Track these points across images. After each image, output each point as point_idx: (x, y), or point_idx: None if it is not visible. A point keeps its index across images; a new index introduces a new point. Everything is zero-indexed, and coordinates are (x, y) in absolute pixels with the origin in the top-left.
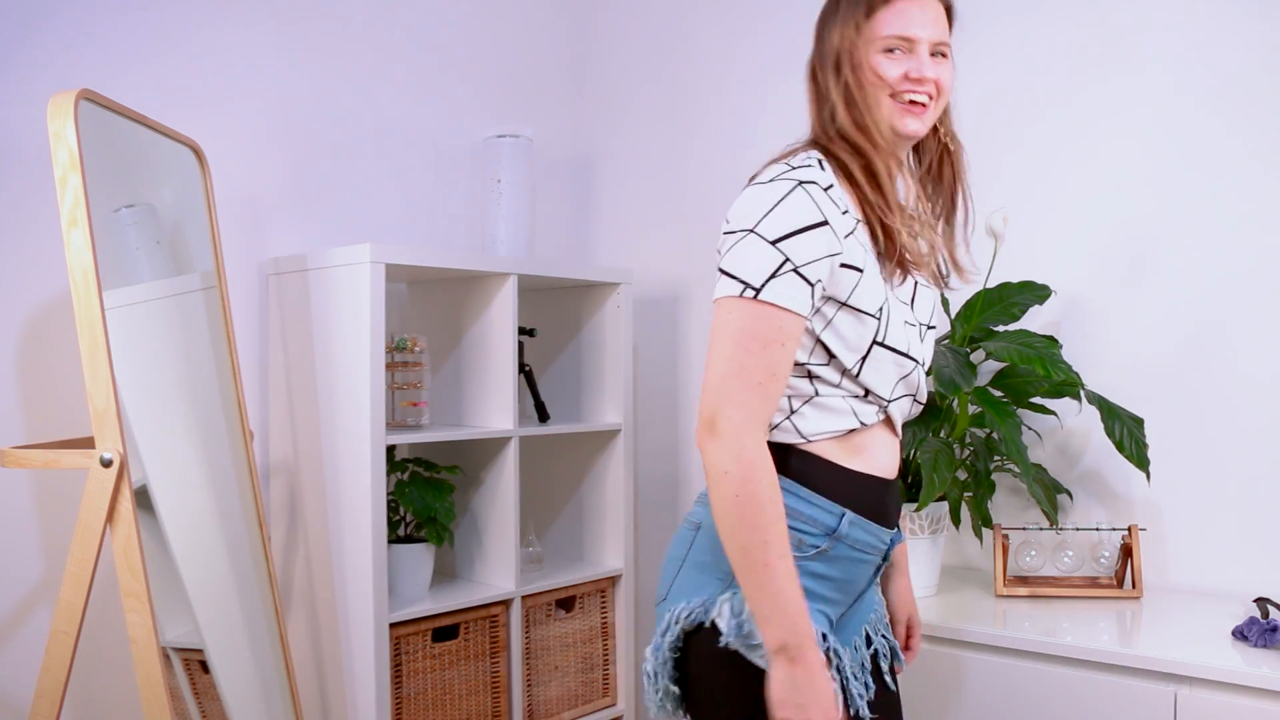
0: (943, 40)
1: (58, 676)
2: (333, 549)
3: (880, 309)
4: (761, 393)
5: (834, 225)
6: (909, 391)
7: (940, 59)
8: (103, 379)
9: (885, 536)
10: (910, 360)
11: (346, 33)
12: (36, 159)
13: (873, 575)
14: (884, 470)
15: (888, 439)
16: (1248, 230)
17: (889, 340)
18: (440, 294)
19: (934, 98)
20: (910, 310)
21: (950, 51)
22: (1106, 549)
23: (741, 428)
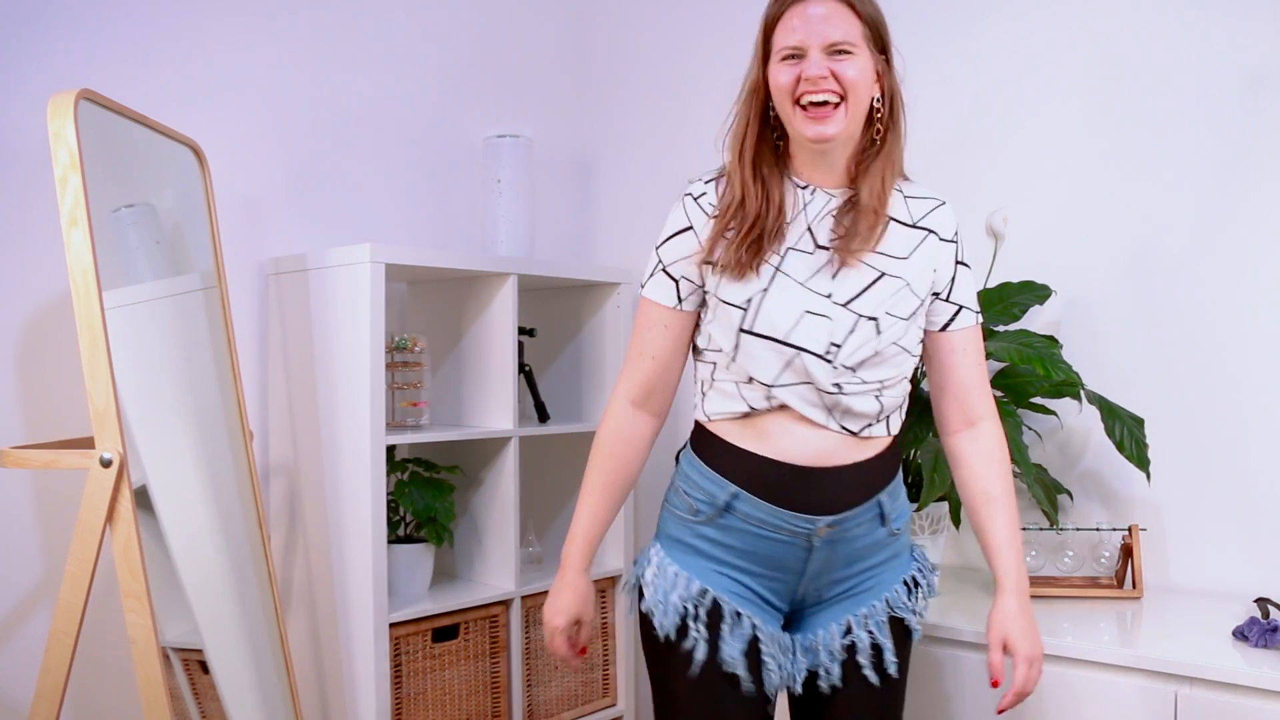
0: (842, 40)
1: (57, 677)
2: (332, 549)
3: (749, 300)
4: (636, 367)
5: (697, 229)
6: (800, 379)
7: (842, 56)
8: (102, 379)
9: (796, 521)
10: (791, 348)
11: (347, 33)
12: (36, 159)
13: (808, 555)
14: (791, 456)
15: (798, 427)
16: (1248, 230)
17: (758, 328)
18: (440, 294)
19: (843, 96)
20: (824, 300)
21: (857, 50)
22: (1107, 549)
23: (615, 391)
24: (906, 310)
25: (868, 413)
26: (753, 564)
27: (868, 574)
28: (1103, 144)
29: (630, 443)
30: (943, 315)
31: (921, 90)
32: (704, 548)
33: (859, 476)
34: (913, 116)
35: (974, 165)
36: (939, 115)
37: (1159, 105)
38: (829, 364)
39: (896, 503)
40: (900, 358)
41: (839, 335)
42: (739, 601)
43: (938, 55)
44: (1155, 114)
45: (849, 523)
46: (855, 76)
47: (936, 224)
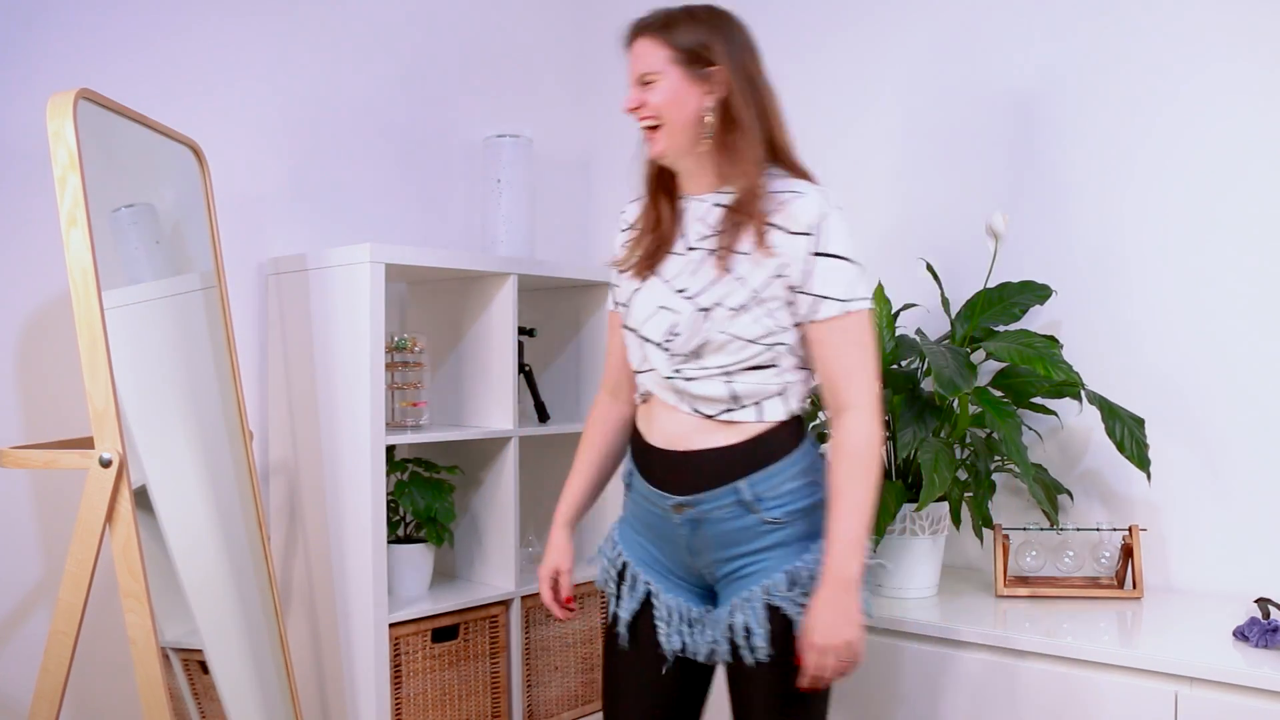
0: (645, 71)
1: (57, 677)
2: (332, 549)
3: (629, 300)
4: (606, 364)
5: (619, 237)
6: (649, 367)
7: (648, 86)
8: (102, 379)
9: (658, 498)
10: (640, 339)
11: (347, 33)
12: (36, 159)
13: (678, 531)
14: (656, 438)
15: (662, 410)
16: (1249, 230)
17: (627, 323)
18: (440, 294)
19: (658, 119)
20: (677, 295)
21: (662, 76)
22: (1107, 549)
23: (600, 385)
24: (736, 301)
25: (717, 396)
26: (650, 534)
27: (749, 559)
28: (1104, 143)
29: (603, 424)
30: (803, 307)
31: (925, 92)
32: (629, 518)
33: (711, 462)
34: (906, 111)
35: (974, 166)
36: (941, 115)
37: (1160, 104)
38: (666, 352)
39: (772, 490)
40: (737, 345)
41: (681, 326)
42: (643, 566)
43: (943, 56)
44: (1155, 113)
45: (703, 505)
46: (659, 100)
47: (783, 217)
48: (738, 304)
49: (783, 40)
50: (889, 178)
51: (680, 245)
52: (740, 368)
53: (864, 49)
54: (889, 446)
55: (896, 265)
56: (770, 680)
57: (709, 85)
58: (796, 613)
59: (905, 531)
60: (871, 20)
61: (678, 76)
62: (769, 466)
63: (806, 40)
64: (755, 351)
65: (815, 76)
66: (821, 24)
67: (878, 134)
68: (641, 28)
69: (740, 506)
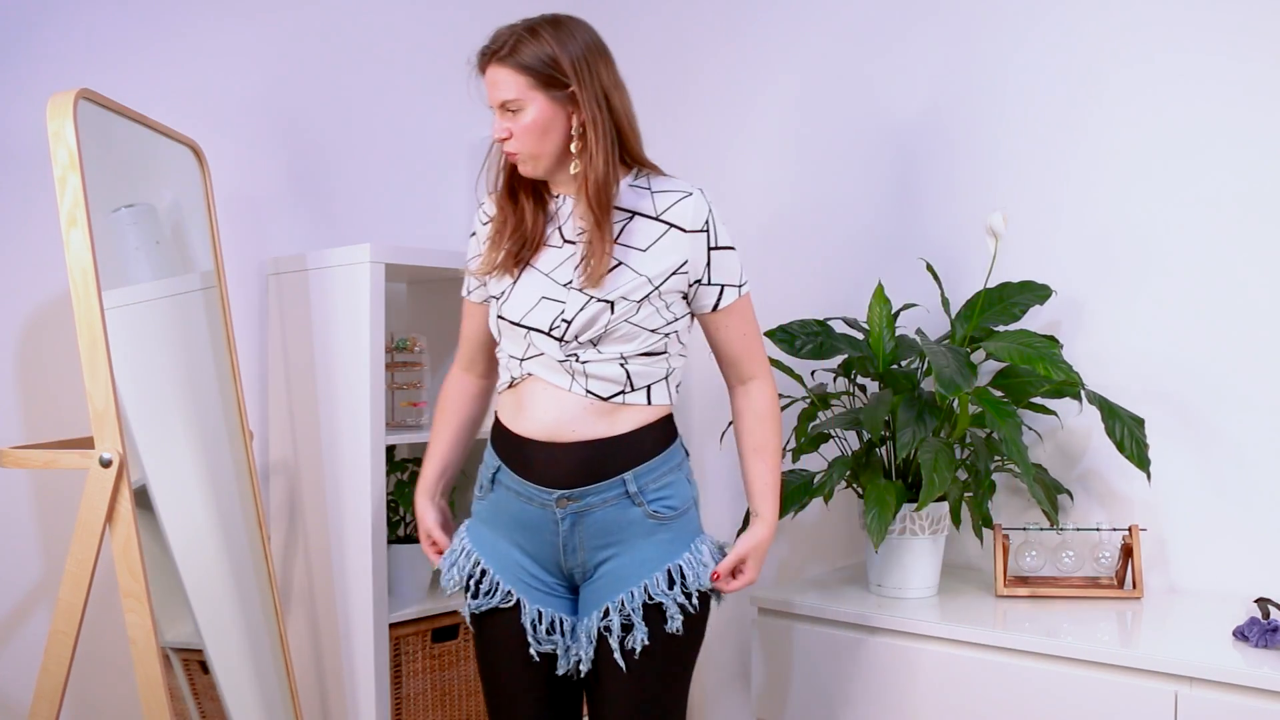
0: (506, 98)
1: (57, 677)
2: (332, 549)
3: (503, 292)
4: (460, 345)
5: (478, 234)
6: (537, 353)
7: (513, 113)
8: (102, 379)
9: (538, 492)
10: (523, 328)
11: (347, 32)
12: (36, 159)
13: (557, 525)
14: (535, 429)
15: (546, 391)
16: (1249, 230)
17: (504, 313)
18: (440, 294)
19: (521, 147)
20: (561, 287)
21: (523, 102)
22: (1107, 549)
23: (454, 363)
24: (639, 294)
25: (613, 378)
26: (517, 530)
27: (627, 554)
28: (1104, 143)
29: (460, 395)
30: (709, 298)
31: (929, 92)
32: (485, 518)
33: (600, 452)
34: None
35: (974, 166)
36: (944, 115)
37: (1160, 104)
38: (556, 339)
39: (657, 484)
40: (637, 334)
41: (569, 314)
42: (502, 573)
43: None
44: (1157, 113)
45: (589, 497)
46: (521, 130)
47: (678, 218)
48: (639, 297)
49: (781, 42)
50: (889, 178)
51: (554, 239)
52: (635, 353)
53: (863, 49)
54: (889, 446)
55: (896, 265)
56: (635, 683)
57: (570, 106)
58: (674, 612)
59: (905, 531)
60: (870, 21)
61: (541, 102)
62: (652, 459)
63: (806, 40)
64: (654, 340)
65: (815, 76)
66: (820, 25)
67: (878, 134)
68: (490, 55)
69: (626, 499)
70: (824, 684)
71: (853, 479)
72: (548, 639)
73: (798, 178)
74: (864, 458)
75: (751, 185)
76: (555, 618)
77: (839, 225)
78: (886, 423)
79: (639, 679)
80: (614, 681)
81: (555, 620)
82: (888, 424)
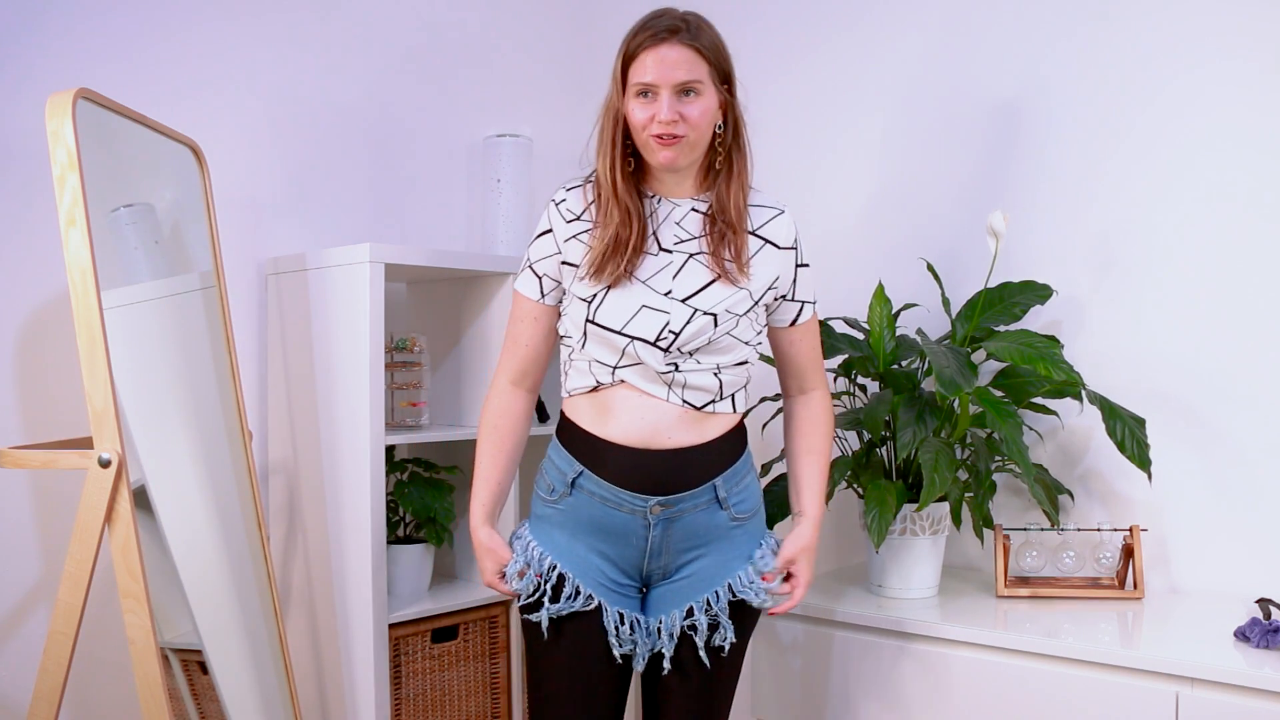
0: (689, 79)
1: (56, 678)
2: (332, 549)
3: (594, 295)
4: (512, 353)
5: (556, 233)
6: (635, 362)
7: (689, 97)
8: (101, 379)
9: (630, 499)
10: (625, 337)
11: (346, 32)
12: (35, 158)
13: (647, 530)
14: (628, 435)
15: (638, 399)
16: (1250, 230)
17: (599, 319)
18: (440, 294)
19: (690, 131)
20: (662, 296)
21: (704, 86)
22: (1108, 550)
23: (497, 376)
24: (742, 309)
25: (708, 388)
26: (598, 533)
27: (711, 557)
28: (1104, 143)
29: (511, 414)
30: (790, 313)
31: (933, 94)
32: (560, 521)
33: (693, 459)
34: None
35: (975, 167)
36: (949, 119)
37: (1161, 104)
38: (662, 350)
39: (738, 488)
40: (734, 346)
41: (676, 325)
42: (581, 576)
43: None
44: (1157, 113)
45: (683, 504)
46: (698, 116)
47: (773, 234)
48: (742, 310)
49: (780, 42)
50: (889, 178)
51: (649, 245)
52: (732, 364)
53: (861, 50)
54: (890, 446)
55: (896, 265)
56: (713, 680)
57: (724, 102)
58: (759, 601)
59: (905, 531)
60: (869, 21)
61: (711, 91)
62: (735, 463)
63: (805, 41)
64: (747, 351)
65: (815, 77)
66: (818, 27)
67: (878, 134)
68: (678, 32)
69: (715, 504)
70: (824, 684)
71: (853, 479)
72: (629, 639)
73: (797, 178)
74: (864, 458)
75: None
76: (633, 618)
77: (839, 225)
78: (887, 423)
79: (717, 675)
80: (693, 678)
81: (633, 621)
82: (888, 424)
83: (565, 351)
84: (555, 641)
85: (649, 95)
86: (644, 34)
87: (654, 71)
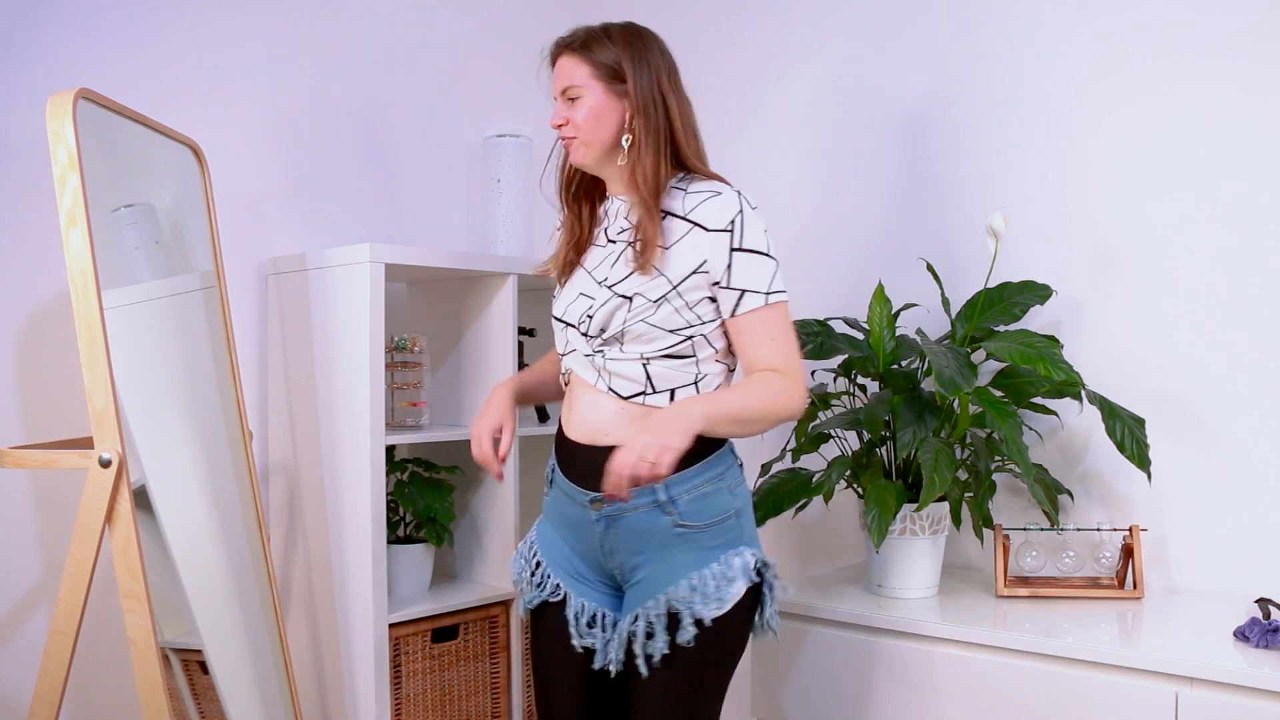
0: (568, 85)
1: (56, 677)
2: (332, 549)
3: (556, 291)
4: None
5: (554, 237)
6: (571, 349)
7: (575, 101)
8: (101, 379)
9: (575, 492)
10: (560, 322)
11: (346, 32)
12: (35, 159)
13: (595, 526)
14: (576, 430)
15: (582, 391)
16: (1250, 230)
17: (553, 310)
18: (440, 294)
19: (576, 131)
20: (597, 284)
21: (583, 90)
22: (1107, 549)
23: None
24: (655, 294)
25: (633, 377)
26: (565, 527)
27: (659, 562)
28: (1105, 143)
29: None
30: (728, 301)
31: (927, 87)
32: (548, 514)
33: None
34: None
35: (975, 166)
36: (945, 117)
37: (1161, 104)
38: (584, 335)
39: (689, 495)
40: (658, 334)
41: (594, 309)
42: (555, 566)
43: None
44: (1157, 113)
45: (620, 504)
46: (581, 117)
47: (703, 216)
48: (656, 295)
49: (780, 45)
50: (889, 178)
51: (600, 238)
52: (657, 354)
53: (863, 50)
54: (889, 446)
55: (896, 265)
56: (659, 688)
57: (625, 102)
58: (688, 622)
59: (905, 531)
60: (868, 21)
61: (599, 92)
62: (686, 469)
63: (806, 43)
64: (675, 342)
65: (814, 76)
66: (819, 27)
67: (878, 134)
68: (563, 45)
69: (656, 508)
70: (823, 684)
71: (853, 479)
72: (588, 632)
73: (797, 179)
74: (864, 458)
75: (751, 187)
76: (598, 612)
77: (839, 225)
78: (887, 423)
79: (665, 685)
80: (639, 685)
81: (597, 614)
82: (888, 424)
83: None
84: (535, 631)
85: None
86: (551, 48)
87: (551, 82)
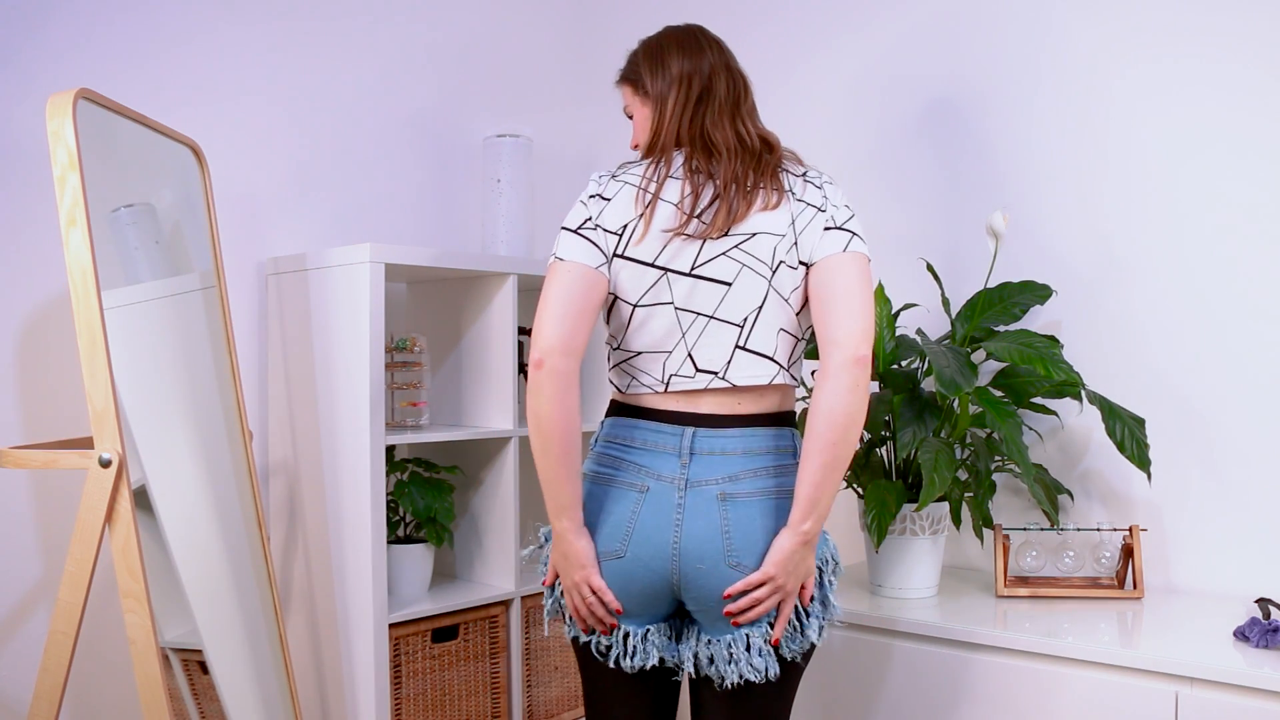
0: (626, 108)
1: (56, 677)
2: (332, 549)
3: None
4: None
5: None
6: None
7: (631, 119)
8: (101, 379)
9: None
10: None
11: (346, 32)
12: (35, 159)
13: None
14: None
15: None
16: (1250, 230)
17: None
18: (440, 294)
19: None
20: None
21: (632, 108)
22: (1107, 549)
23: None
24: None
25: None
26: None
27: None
28: (1105, 143)
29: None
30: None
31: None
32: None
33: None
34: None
35: (976, 166)
36: (944, 118)
37: (1161, 104)
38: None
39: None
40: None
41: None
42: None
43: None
44: (1158, 113)
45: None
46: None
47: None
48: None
49: (780, 44)
50: (889, 178)
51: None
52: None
53: (863, 50)
54: (889, 446)
55: (896, 265)
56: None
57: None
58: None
59: (905, 531)
60: (871, 21)
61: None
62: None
63: (805, 41)
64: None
65: (815, 77)
66: (818, 26)
67: (878, 134)
68: (620, 77)
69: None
70: (823, 684)
71: (853, 479)
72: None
73: None
74: (864, 458)
75: None
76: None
77: None
78: (887, 423)
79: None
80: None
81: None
82: (888, 424)
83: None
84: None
85: None
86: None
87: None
